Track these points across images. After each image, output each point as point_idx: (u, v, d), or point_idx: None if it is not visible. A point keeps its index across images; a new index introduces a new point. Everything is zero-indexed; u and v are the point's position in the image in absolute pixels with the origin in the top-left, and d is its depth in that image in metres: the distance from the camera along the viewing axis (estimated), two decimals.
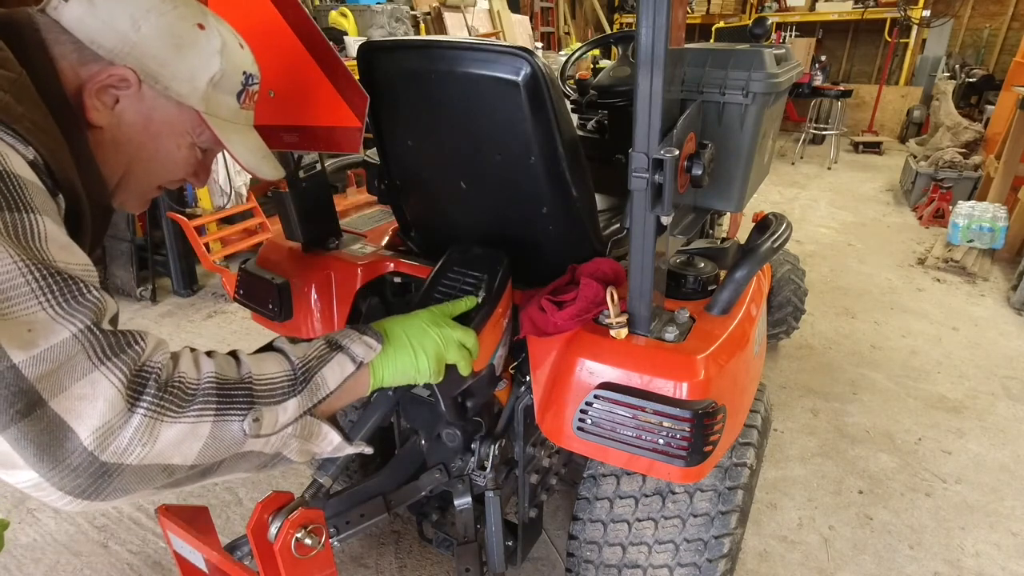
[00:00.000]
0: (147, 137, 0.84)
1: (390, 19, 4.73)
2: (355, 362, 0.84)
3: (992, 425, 2.45)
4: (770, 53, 1.36)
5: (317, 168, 1.48)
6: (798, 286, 2.62)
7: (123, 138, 0.83)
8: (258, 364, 0.78)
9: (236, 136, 0.92)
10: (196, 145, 0.89)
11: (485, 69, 1.13)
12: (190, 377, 0.69)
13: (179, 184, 0.95)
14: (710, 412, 1.04)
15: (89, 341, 0.62)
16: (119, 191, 0.87)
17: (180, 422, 0.66)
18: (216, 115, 0.88)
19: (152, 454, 0.64)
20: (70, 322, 0.61)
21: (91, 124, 0.79)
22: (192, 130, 0.87)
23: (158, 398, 0.65)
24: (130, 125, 0.82)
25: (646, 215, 1.00)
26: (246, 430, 0.71)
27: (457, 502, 1.45)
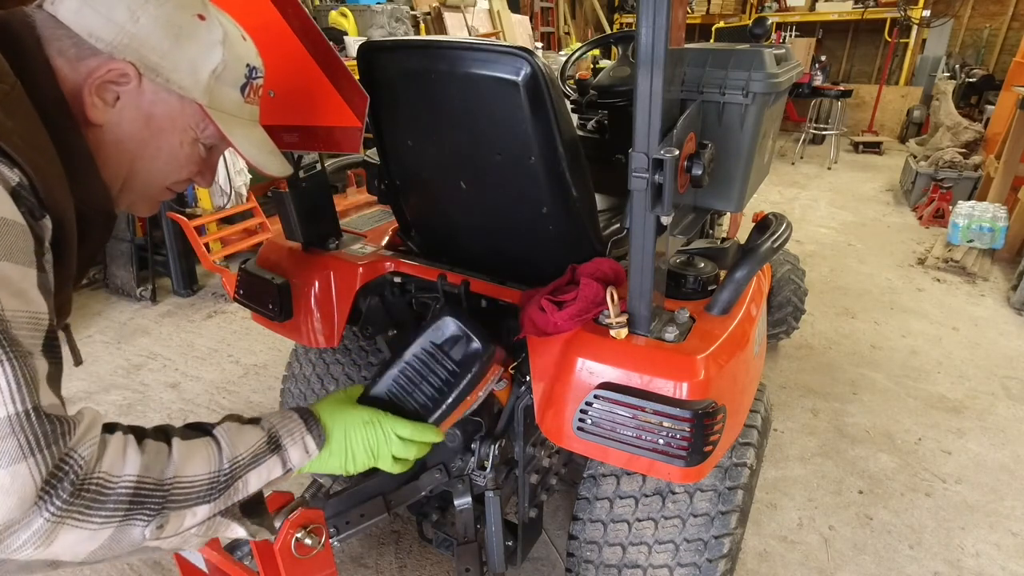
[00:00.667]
0: (149, 134, 0.82)
1: (390, 19, 4.73)
2: (285, 468, 0.83)
3: (992, 425, 2.44)
4: (770, 53, 1.37)
5: (317, 168, 1.48)
6: (798, 286, 2.62)
7: (125, 136, 0.80)
8: (186, 460, 0.72)
9: (241, 131, 0.90)
10: (200, 141, 0.87)
11: (485, 69, 1.14)
12: (110, 476, 0.64)
13: (185, 185, 0.93)
14: (710, 412, 1.04)
15: (24, 427, 0.58)
16: (124, 193, 0.85)
17: (83, 528, 0.61)
18: (220, 109, 0.86)
19: (43, 554, 0.60)
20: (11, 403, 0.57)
21: (91, 123, 0.78)
22: (195, 125, 0.85)
23: (68, 503, 0.60)
24: (131, 122, 0.80)
25: (646, 215, 1.00)
26: (147, 534, 0.67)
27: (457, 502, 1.45)
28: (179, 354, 2.96)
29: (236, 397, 2.62)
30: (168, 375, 2.78)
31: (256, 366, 2.86)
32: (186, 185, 0.93)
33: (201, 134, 0.86)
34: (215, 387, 2.69)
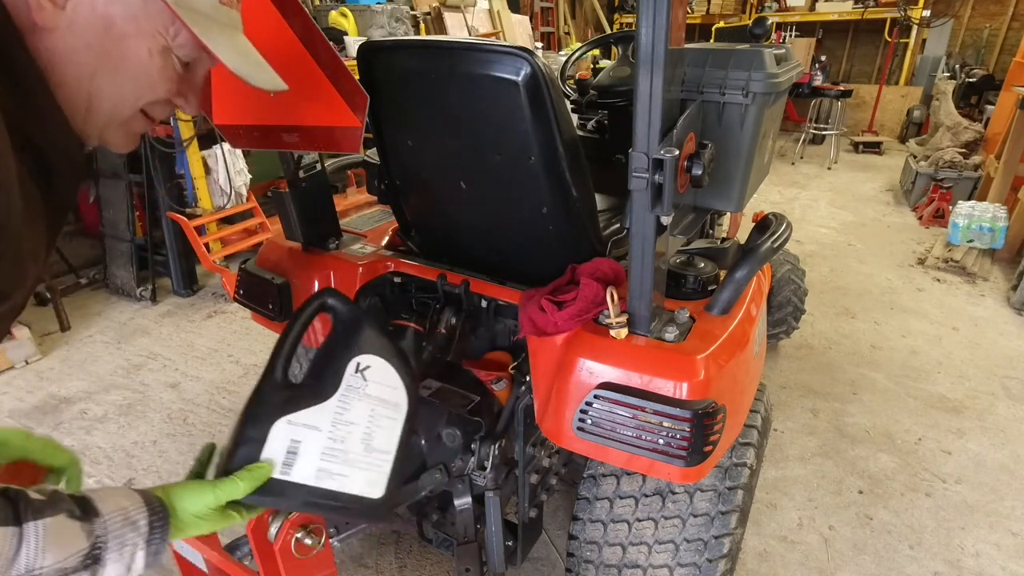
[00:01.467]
0: (110, 41, 0.69)
1: (390, 19, 4.73)
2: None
3: (992, 425, 2.44)
4: (770, 53, 1.37)
5: (317, 168, 1.48)
6: (798, 286, 2.62)
7: (81, 45, 0.68)
8: None
9: (220, 37, 0.75)
10: (172, 51, 0.73)
11: (485, 69, 1.14)
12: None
13: (166, 111, 0.78)
14: (710, 412, 1.04)
15: None
16: (90, 120, 0.72)
17: None
18: (191, 8, 0.72)
19: None
20: None
21: (39, 28, 0.65)
22: (164, 29, 0.72)
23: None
24: (87, 27, 0.67)
25: (646, 215, 1.00)
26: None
27: (457, 502, 1.45)
28: (179, 354, 2.96)
29: (236, 397, 2.62)
30: (168, 375, 2.78)
31: (256, 366, 2.86)
32: (166, 110, 0.79)
33: (173, 41, 0.73)
34: (215, 387, 2.69)
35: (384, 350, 0.92)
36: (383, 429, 0.92)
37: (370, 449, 0.90)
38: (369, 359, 0.91)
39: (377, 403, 0.91)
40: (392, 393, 0.93)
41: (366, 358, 0.90)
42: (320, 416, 0.86)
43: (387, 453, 0.93)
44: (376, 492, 0.92)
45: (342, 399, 0.88)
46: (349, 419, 0.88)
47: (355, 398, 0.89)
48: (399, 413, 0.93)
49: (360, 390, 0.90)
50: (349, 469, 0.88)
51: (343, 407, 0.88)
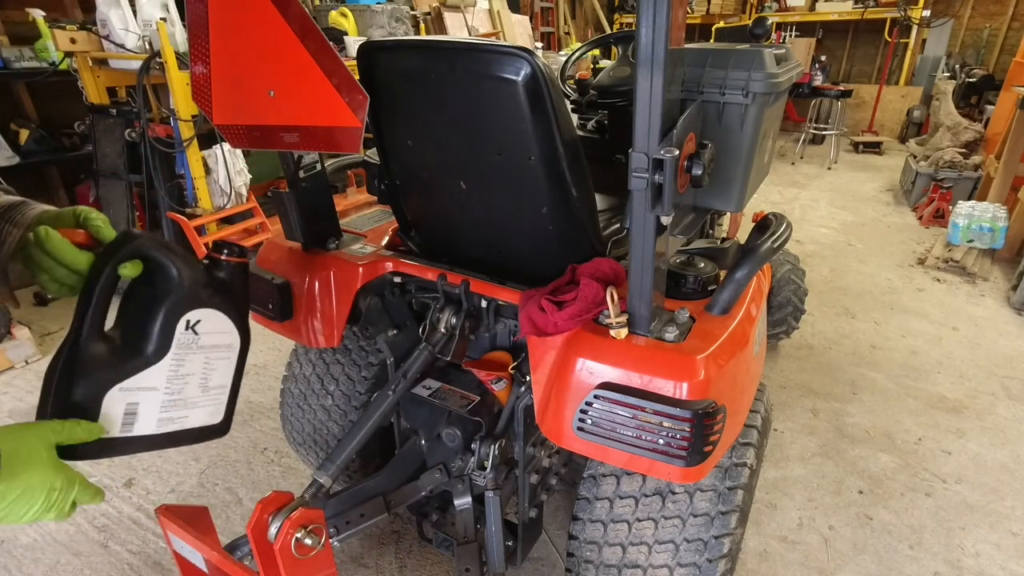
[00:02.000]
0: None
1: (390, 19, 4.73)
2: None
3: (992, 425, 2.44)
4: (770, 53, 1.36)
5: (317, 168, 1.48)
6: (798, 286, 2.62)
7: None
8: None
9: None
10: None
11: (485, 69, 1.14)
12: None
13: None
14: (710, 412, 1.04)
15: None
16: None
17: None
18: None
19: None
20: None
21: None
22: None
23: None
24: None
25: (646, 215, 1.00)
26: None
27: (457, 502, 1.45)
28: None
29: None
30: None
31: (256, 366, 2.86)
32: None
33: None
34: None
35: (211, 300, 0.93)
36: (218, 370, 0.96)
37: (207, 389, 0.95)
38: (198, 314, 0.91)
39: (211, 350, 0.94)
40: (225, 337, 0.95)
41: (195, 314, 0.90)
42: (154, 377, 0.88)
43: (224, 387, 0.98)
44: (216, 418, 0.99)
45: (175, 357, 0.89)
46: (184, 372, 0.91)
47: (189, 353, 0.91)
48: (232, 351, 0.97)
49: (192, 345, 0.91)
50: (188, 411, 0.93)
51: (177, 363, 0.90)
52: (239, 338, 0.98)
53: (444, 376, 1.55)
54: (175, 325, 0.89)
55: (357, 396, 1.75)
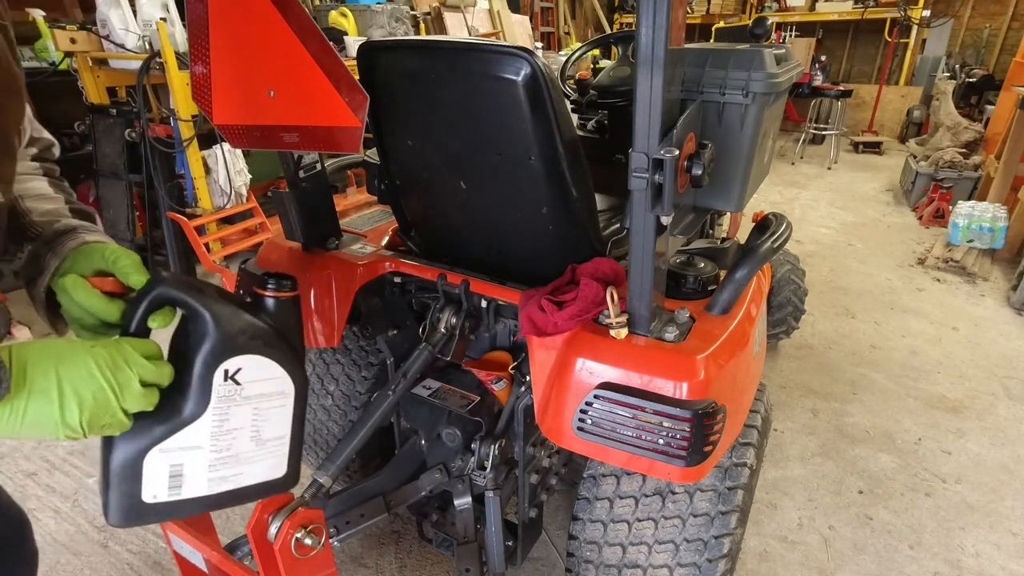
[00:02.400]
0: None
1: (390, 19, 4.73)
2: None
3: (992, 425, 2.44)
4: (770, 53, 1.36)
5: (317, 168, 1.48)
6: (798, 286, 2.62)
7: None
8: None
9: None
10: None
11: (485, 69, 1.14)
12: None
13: None
14: (710, 412, 1.04)
15: None
16: None
17: None
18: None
19: None
20: None
21: None
22: None
23: None
24: None
25: (646, 215, 1.00)
26: None
27: (457, 502, 1.45)
28: None
29: None
30: None
31: None
32: None
33: None
34: None
35: (251, 345, 0.80)
36: (271, 420, 0.85)
37: (261, 442, 0.85)
38: (238, 361, 0.80)
39: (259, 400, 0.83)
40: (275, 384, 0.84)
41: (233, 362, 0.79)
42: (197, 435, 0.78)
43: (282, 437, 0.87)
44: (279, 472, 0.88)
45: (217, 411, 0.79)
46: (231, 427, 0.81)
47: (232, 405, 0.81)
48: (287, 398, 0.86)
49: (235, 396, 0.81)
50: (243, 467, 0.83)
51: (220, 418, 0.80)
52: (292, 383, 0.86)
53: (444, 376, 1.55)
54: (211, 377, 0.78)
55: (357, 396, 1.75)
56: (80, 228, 0.87)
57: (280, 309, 0.86)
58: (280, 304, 0.86)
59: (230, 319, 0.79)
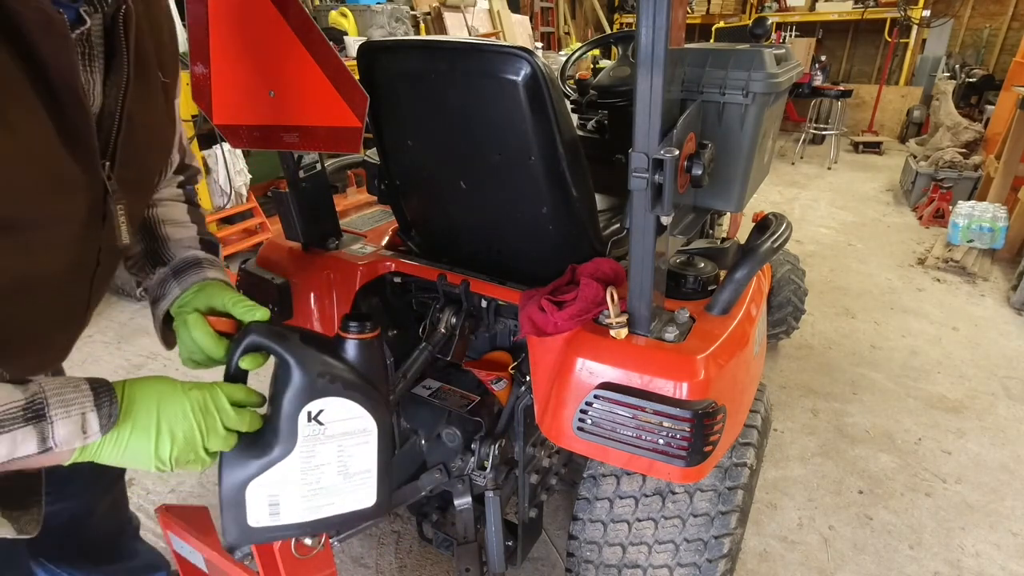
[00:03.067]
0: None
1: (390, 19, 4.73)
2: (43, 446, 0.63)
3: (992, 425, 2.44)
4: (770, 53, 1.37)
5: (317, 168, 1.48)
6: (798, 286, 2.62)
7: None
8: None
9: None
10: None
11: (485, 69, 1.14)
12: None
13: None
14: (710, 412, 1.04)
15: None
16: None
17: None
18: None
19: None
20: None
21: None
22: None
23: None
24: None
25: (646, 215, 1.00)
26: None
27: (457, 502, 1.45)
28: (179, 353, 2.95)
29: None
30: (168, 375, 2.78)
31: None
32: None
33: None
34: None
35: (332, 389, 0.86)
36: (356, 456, 0.90)
37: (349, 476, 0.90)
38: (319, 404, 0.86)
39: (342, 438, 0.89)
40: (356, 423, 0.89)
41: (315, 404, 0.85)
42: (287, 470, 0.86)
43: (368, 471, 0.91)
44: (369, 501, 0.92)
45: (303, 450, 0.86)
46: (318, 463, 0.87)
47: (317, 444, 0.87)
48: (369, 435, 0.90)
49: (320, 436, 0.87)
50: (333, 498, 0.90)
51: (307, 456, 0.86)
52: (374, 421, 0.90)
53: (444, 376, 1.55)
54: (296, 418, 0.85)
55: None
56: (204, 262, 0.97)
57: (360, 351, 0.90)
58: (360, 345, 0.90)
59: (311, 364, 0.85)
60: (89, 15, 0.65)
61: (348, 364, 0.89)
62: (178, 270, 0.95)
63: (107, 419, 0.68)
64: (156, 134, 0.88)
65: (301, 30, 1.13)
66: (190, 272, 0.94)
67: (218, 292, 0.93)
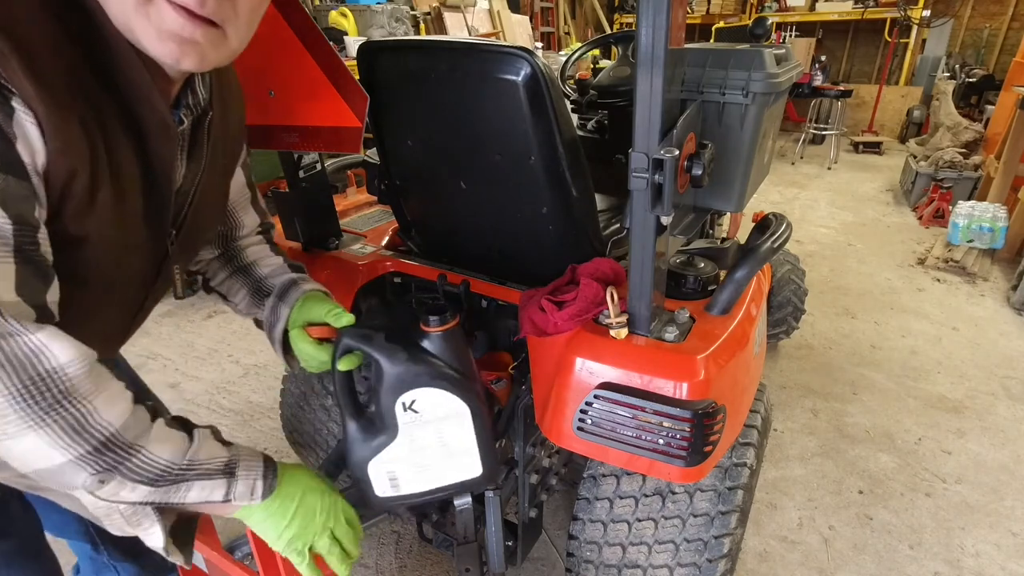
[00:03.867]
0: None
1: (390, 19, 4.73)
2: (226, 496, 0.80)
3: (992, 425, 2.44)
4: (770, 53, 1.37)
5: (317, 168, 1.48)
6: (798, 286, 2.62)
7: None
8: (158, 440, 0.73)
9: None
10: None
11: (485, 69, 1.14)
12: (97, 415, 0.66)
13: None
14: (710, 412, 1.04)
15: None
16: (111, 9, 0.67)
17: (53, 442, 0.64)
18: None
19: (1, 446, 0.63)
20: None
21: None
22: None
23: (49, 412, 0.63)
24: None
25: (646, 215, 1.00)
26: (86, 484, 0.68)
27: (457, 502, 1.45)
28: (179, 354, 2.96)
29: (236, 397, 2.62)
30: (168, 375, 2.78)
31: (256, 366, 2.86)
32: None
33: None
34: (215, 387, 2.69)
35: (419, 380, 0.95)
36: (455, 436, 1.00)
37: (452, 454, 1.01)
38: (411, 395, 0.96)
39: (438, 421, 0.98)
40: (448, 407, 0.98)
41: (408, 395, 0.96)
42: (397, 451, 0.98)
43: (469, 448, 1.01)
44: (476, 472, 1.04)
45: (405, 434, 0.98)
46: (421, 445, 0.99)
47: (416, 429, 0.98)
48: (463, 417, 0.99)
49: (417, 422, 0.97)
50: (443, 470, 1.02)
51: (410, 439, 0.98)
52: (465, 404, 0.98)
53: None
54: (393, 409, 0.96)
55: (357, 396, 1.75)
56: (299, 280, 1.13)
57: (442, 341, 0.98)
58: (441, 337, 0.98)
59: (398, 360, 0.95)
60: (186, 118, 0.82)
61: (432, 355, 0.97)
62: (281, 294, 1.10)
63: (268, 490, 0.84)
64: (216, 208, 1.05)
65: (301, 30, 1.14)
66: (291, 291, 1.10)
67: (315, 305, 1.06)
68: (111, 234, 0.74)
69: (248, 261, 1.16)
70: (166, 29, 0.67)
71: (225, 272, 1.15)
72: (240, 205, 1.13)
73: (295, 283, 1.11)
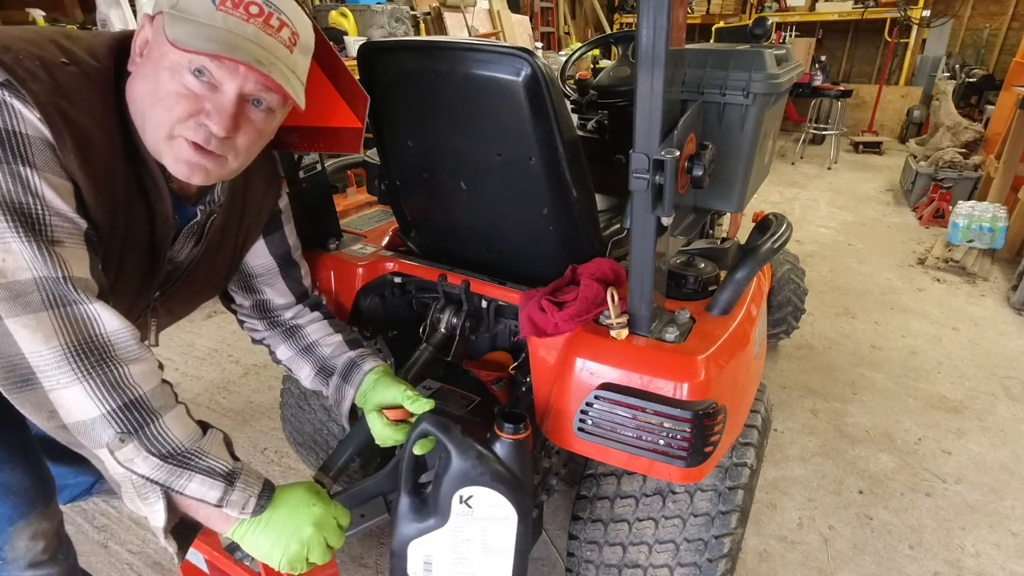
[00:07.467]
0: (150, 70, 0.85)
1: (390, 19, 4.73)
2: (220, 501, 0.85)
3: (992, 425, 2.44)
4: (770, 53, 1.37)
5: (317, 168, 1.48)
6: (798, 286, 2.62)
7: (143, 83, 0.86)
8: (177, 420, 0.85)
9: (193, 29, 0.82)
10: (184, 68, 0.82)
11: (485, 69, 1.14)
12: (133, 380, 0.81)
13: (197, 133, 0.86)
14: (710, 412, 1.04)
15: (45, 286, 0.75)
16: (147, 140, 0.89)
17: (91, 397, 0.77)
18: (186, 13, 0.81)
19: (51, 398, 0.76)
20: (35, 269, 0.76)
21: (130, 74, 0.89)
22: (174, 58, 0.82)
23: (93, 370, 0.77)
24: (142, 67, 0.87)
25: (646, 216, 1.00)
26: (109, 441, 0.78)
27: None
28: (179, 354, 2.96)
29: (236, 397, 2.62)
30: (168, 375, 2.76)
31: (256, 366, 2.86)
32: (197, 132, 0.86)
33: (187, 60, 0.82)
34: (215, 387, 2.69)
35: (482, 479, 0.99)
36: (497, 537, 1.04)
37: (489, 554, 1.04)
38: (470, 490, 1.00)
39: (486, 521, 1.02)
40: (499, 510, 1.02)
41: (467, 490, 1.00)
42: (441, 539, 1.03)
43: (506, 552, 1.05)
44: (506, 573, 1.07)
45: (454, 525, 1.02)
46: (465, 537, 1.03)
47: (465, 522, 1.02)
48: (510, 522, 1.03)
49: (468, 516, 1.01)
50: (476, 567, 1.05)
51: (457, 530, 1.02)
52: (515, 512, 1.02)
53: (444, 377, 1.55)
54: (451, 499, 1.00)
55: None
56: (357, 359, 1.23)
57: (511, 449, 1.03)
58: (511, 445, 1.03)
59: (468, 455, 0.99)
60: (201, 212, 1.04)
61: (499, 458, 1.02)
62: (345, 374, 1.22)
63: (259, 509, 0.89)
64: (211, 281, 1.20)
65: None
66: (353, 372, 1.22)
67: (387, 387, 1.15)
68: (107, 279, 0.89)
69: (310, 341, 1.28)
70: (183, 158, 0.88)
71: (290, 351, 1.29)
72: (265, 279, 1.25)
73: (355, 364, 1.22)
